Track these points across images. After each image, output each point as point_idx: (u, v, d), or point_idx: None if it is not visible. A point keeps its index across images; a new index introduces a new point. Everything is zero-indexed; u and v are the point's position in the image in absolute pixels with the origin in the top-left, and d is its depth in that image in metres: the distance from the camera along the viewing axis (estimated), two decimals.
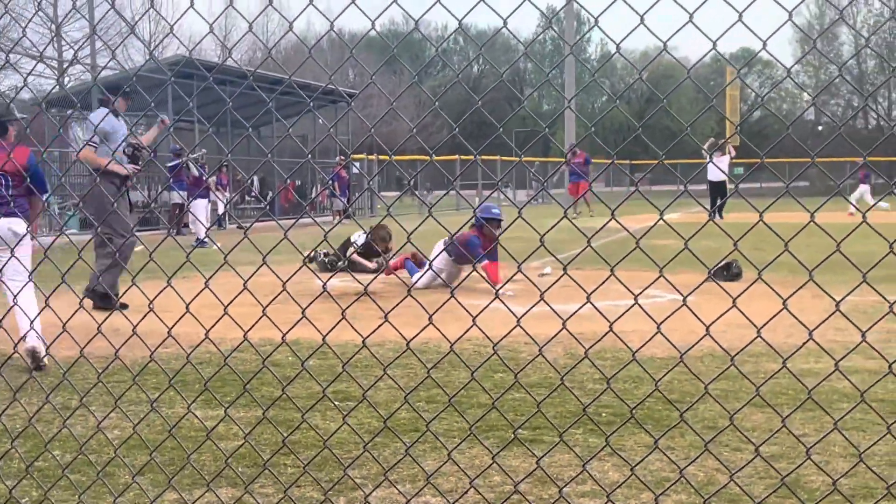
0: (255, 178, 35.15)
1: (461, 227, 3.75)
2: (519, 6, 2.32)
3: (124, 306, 9.33)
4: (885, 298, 2.24)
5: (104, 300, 9.51)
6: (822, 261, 2.00)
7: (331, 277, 2.80)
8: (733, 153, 28.97)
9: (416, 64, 75.95)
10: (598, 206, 29.97)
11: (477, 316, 2.47)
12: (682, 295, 2.30)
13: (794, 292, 2.33)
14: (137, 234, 22.22)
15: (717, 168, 26.78)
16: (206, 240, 21.36)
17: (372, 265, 11.69)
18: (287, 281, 2.63)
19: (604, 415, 5.39)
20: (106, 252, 9.79)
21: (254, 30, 2.85)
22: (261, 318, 2.51)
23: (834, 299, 2.14)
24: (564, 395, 5.81)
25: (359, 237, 12.37)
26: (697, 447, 4.65)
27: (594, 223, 2.81)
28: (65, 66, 34.86)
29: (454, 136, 2.60)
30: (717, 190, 28.29)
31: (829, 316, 2.34)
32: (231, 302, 2.68)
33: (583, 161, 31.83)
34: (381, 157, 37.08)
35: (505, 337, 2.86)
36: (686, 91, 74.12)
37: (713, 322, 2.45)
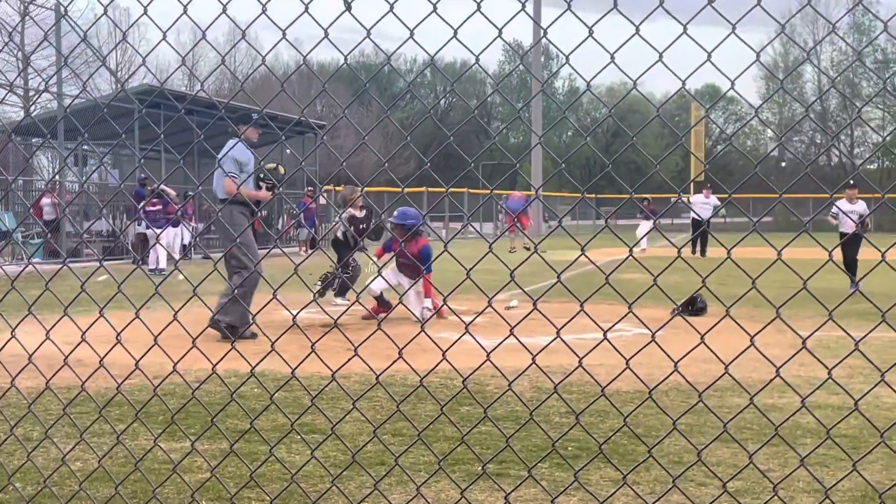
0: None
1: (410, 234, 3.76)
2: (489, 45, 2.34)
3: (254, 336, 9.37)
4: (850, 335, 2.27)
5: (232, 330, 9.31)
6: (789, 298, 2.02)
7: (301, 310, 2.79)
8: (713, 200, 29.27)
9: (385, 95, 76.22)
10: (563, 240, 30.06)
11: (447, 350, 2.48)
12: (650, 329, 2.32)
13: (762, 329, 2.35)
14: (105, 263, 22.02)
15: (703, 208, 27.18)
16: (164, 267, 21.42)
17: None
18: (256, 314, 2.62)
19: (570, 448, 5.39)
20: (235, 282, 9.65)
21: (227, 53, 2.86)
22: (229, 350, 2.50)
23: (801, 336, 2.17)
24: (531, 428, 5.81)
25: (345, 224, 13.31)
26: (663, 482, 4.67)
27: (566, 256, 2.82)
28: (31, 94, 34.64)
29: (423, 167, 2.62)
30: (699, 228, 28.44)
31: (796, 353, 2.36)
32: (199, 335, 2.67)
33: (522, 198, 32.69)
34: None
35: (475, 371, 2.86)
36: (651, 126, 74.80)
37: (681, 358, 2.47)
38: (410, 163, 66.04)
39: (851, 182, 17.48)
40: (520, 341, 2.54)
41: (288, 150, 36.97)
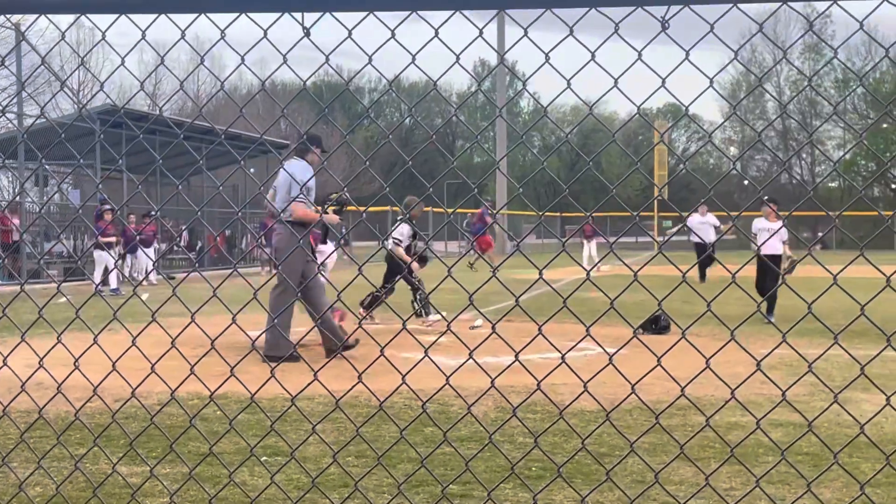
0: (185, 230, 34.82)
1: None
2: (446, 71, 2.36)
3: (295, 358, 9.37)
4: (803, 358, 2.29)
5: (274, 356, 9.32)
6: (744, 320, 2.04)
7: (261, 334, 2.78)
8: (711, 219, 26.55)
9: (349, 114, 76.25)
10: (532, 258, 30.15)
11: (407, 374, 2.48)
12: (607, 352, 2.33)
13: (717, 351, 2.37)
14: (64, 285, 21.81)
15: (702, 229, 24.87)
16: (117, 288, 21.37)
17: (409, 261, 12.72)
18: (216, 339, 2.61)
19: (533, 469, 5.40)
20: (283, 301, 9.78)
21: (186, 79, 2.85)
22: (188, 376, 2.49)
23: (755, 358, 2.18)
24: (495, 448, 5.82)
25: (400, 233, 13.09)
26: (626, 502, 4.68)
27: (533, 275, 2.83)
28: None
29: (387, 185, 2.62)
30: (702, 251, 24.85)
31: (751, 375, 2.38)
32: (159, 359, 2.65)
33: (480, 217, 31.84)
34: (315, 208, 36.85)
35: (437, 392, 2.86)
36: (616, 144, 75.08)
37: (639, 380, 2.48)
38: (375, 182, 65.98)
39: (766, 198, 15.52)
40: (478, 364, 2.54)
41: (251, 170, 36.86)
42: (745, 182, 70.23)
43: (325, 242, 11.64)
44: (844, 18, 2.23)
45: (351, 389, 2.55)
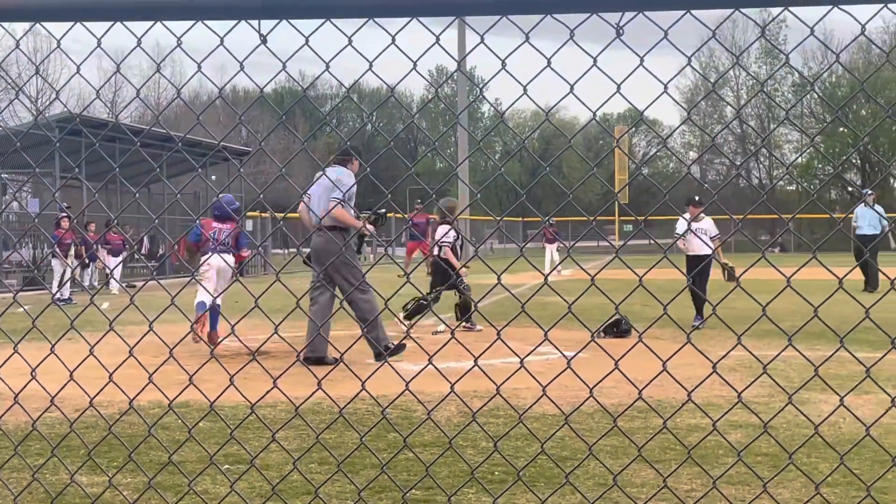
0: (145, 237, 34.57)
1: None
2: (404, 77, 2.36)
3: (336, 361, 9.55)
4: (758, 360, 2.32)
5: (385, 348, 9.61)
6: (701, 322, 2.06)
7: (224, 339, 2.78)
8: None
9: (311, 120, 75.99)
10: (496, 262, 30.19)
11: (366, 380, 2.48)
12: (565, 356, 2.34)
13: (675, 353, 2.39)
14: (21, 294, 21.52)
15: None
16: (69, 297, 21.24)
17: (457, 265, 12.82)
18: (174, 347, 2.60)
19: (496, 473, 5.41)
20: (320, 306, 10.03)
21: (146, 84, 2.84)
22: (147, 384, 2.48)
23: (710, 361, 2.21)
24: (459, 453, 5.84)
25: (445, 235, 13.20)
26: None
27: (491, 281, 2.83)
28: None
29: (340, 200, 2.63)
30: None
31: (706, 377, 2.41)
32: (117, 368, 2.64)
33: (425, 221, 30.76)
34: (277, 213, 36.77)
35: (397, 398, 2.87)
36: (576, 148, 75.48)
37: (597, 384, 2.50)
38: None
39: (697, 198, 14.92)
40: (437, 369, 2.55)
41: (213, 177, 36.68)
42: (705, 186, 70.75)
43: (359, 252, 11.63)
44: (800, 23, 2.27)
45: (310, 396, 2.55)
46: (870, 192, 22.44)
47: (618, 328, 11.91)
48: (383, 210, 11.32)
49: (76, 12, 2.26)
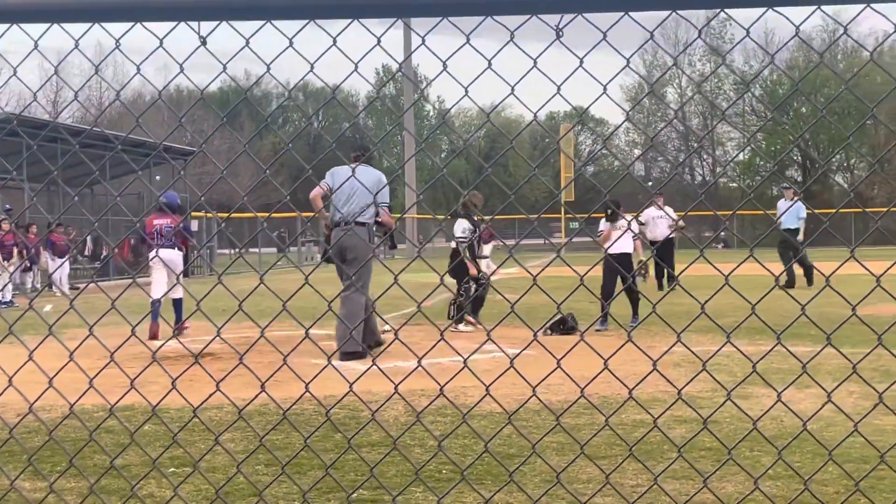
0: (89, 238, 34.16)
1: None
2: (346, 78, 2.37)
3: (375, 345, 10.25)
4: (697, 356, 2.36)
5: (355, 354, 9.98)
6: (640, 321, 2.08)
7: (165, 343, 2.76)
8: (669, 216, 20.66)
9: (257, 120, 75.45)
10: (443, 263, 30.22)
11: (310, 381, 2.48)
12: (507, 355, 2.36)
13: (617, 350, 2.42)
14: None
15: (659, 223, 20.14)
16: (12, 300, 21.00)
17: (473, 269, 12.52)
18: (116, 351, 2.58)
19: (444, 472, 5.43)
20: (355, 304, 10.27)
21: (88, 83, 2.82)
22: (87, 389, 2.46)
23: (650, 357, 2.24)
24: (406, 452, 5.85)
25: (462, 231, 12.94)
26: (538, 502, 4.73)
27: (432, 279, 2.83)
28: None
29: (296, 192, 2.62)
30: (662, 248, 19.84)
31: (648, 374, 2.44)
32: (57, 373, 2.61)
33: None
34: (221, 214, 36.61)
35: (342, 399, 2.87)
36: (523, 146, 75.92)
37: (539, 382, 2.52)
38: (286, 186, 65.47)
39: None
40: (380, 369, 2.56)
41: (157, 177, 36.31)
42: (650, 183, 71.44)
43: (394, 247, 11.76)
44: (744, 22, 2.30)
45: (254, 399, 2.55)
46: (787, 185, 22.85)
47: (564, 326, 11.99)
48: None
49: (14, 15, 2.23)
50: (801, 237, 19.32)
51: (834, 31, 59.84)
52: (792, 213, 19.46)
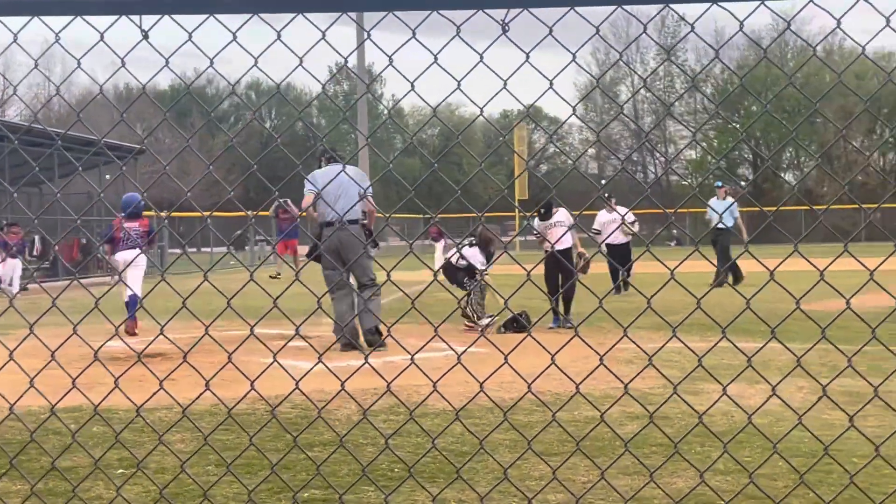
0: (36, 237, 33.70)
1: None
2: (292, 71, 2.35)
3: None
4: (645, 352, 2.36)
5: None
6: (584, 319, 2.09)
7: (107, 341, 2.73)
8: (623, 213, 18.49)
9: (213, 120, 74.84)
10: (395, 261, 30.14)
11: (255, 379, 2.45)
12: (455, 351, 2.35)
13: (563, 346, 2.42)
14: None
15: (611, 227, 19.02)
16: None
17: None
18: (56, 350, 2.54)
19: (396, 470, 5.41)
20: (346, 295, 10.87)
21: (38, 81, 2.77)
22: (28, 389, 2.41)
23: (598, 353, 2.24)
24: (359, 451, 5.83)
25: (472, 256, 12.71)
26: (487, 499, 4.73)
27: (398, 276, 2.82)
28: None
29: (248, 191, 2.60)
30: (617, 255, 18.67)
31: (594, 370, 2.44)
32: None
33: (289, 219, 28.41)
34: (172, 213, 36.33)
35: (288, 396, 2.85)
36: (476, 145, 76.03)
37: (486, 379, 2.51)
38: (238, 186, 64.96)
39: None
40: (327, 367, 2.54)
41: (107, 176, 35.90)
42: (603, 181, 71.85)
43: (376, 246, 11.98)
44: (693, 19, 2.31)
45: (199, 397, 2.52)
46: (720, 184, 22.94)
47: (517, 323, 12.02)
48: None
49: None
50: (745, 236, 19.41)
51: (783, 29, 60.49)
52: (725, 214, 19.62)
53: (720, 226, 19.30)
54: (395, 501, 4.71)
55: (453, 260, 13.21)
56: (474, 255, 13.32)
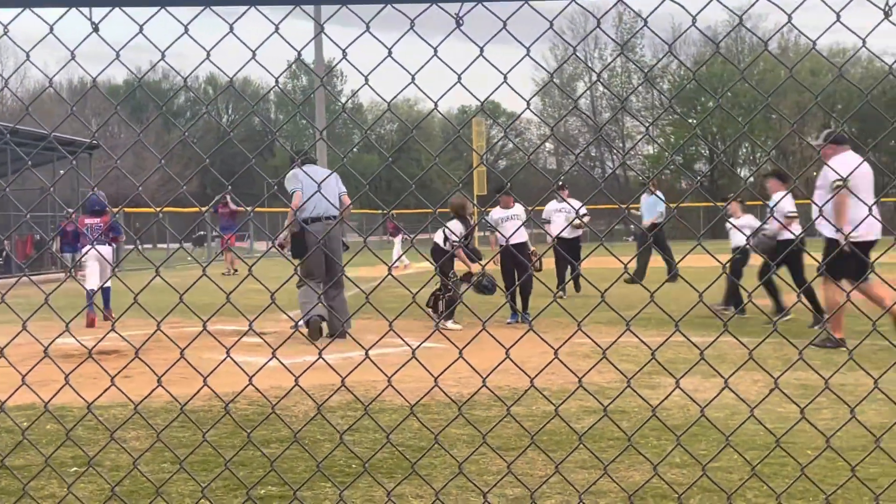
0: None
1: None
2: (245, 64, 2.33)
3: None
4: (597, 344, 2.37)
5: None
6: (538, 313, 2.09)
7: (57, 337, 2.70)
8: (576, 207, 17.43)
9: (166, 113, 74.33)
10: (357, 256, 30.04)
11: (208, 375, 2.43)
12: (409, 346, 2.35)
13: (517, 341, 2.42)
14: None
15: (558, 218, 17.90)
16: None
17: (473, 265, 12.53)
18: (5, 347, 2.50)
19: (353, 466, 5.39)
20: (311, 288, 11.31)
21: None
22: None
23: (552, 347, 2.24)
24: (316, 447, 5.81)
25: (450, 232, 12.70)
26: (444, 493, 4.73)
27: (357, 272, 2.81)
28: None
29: (205, 187, 2.57)
30: (568, 248, 17.44)
31: (548, 364, 2.45)
32: None
33: (228, 213, 28.68)
34: (127, 209, 36.04)
35: (242, 391, 2.83)
36: (435, 141, 76.06)
37: (441, 374, 2.51)
38: (194, 181, 64.62)
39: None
40: (281, 363, 2.52)
41: (61, 171, 35.47)
42: (561, 176, 72.01)
43: (346, 248, 12.43)
44: (652, 16, 2.31)
45: (150, 394, 2.49)
46: (645, 183, 22.87)
47: (478, 286, 12.00)
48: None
49: None
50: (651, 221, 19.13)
51: (738, 26, 61.01)
52: (651, 208, 19.39)
53: (656, 221, 19.08)
54: (351, 497, 4.69)
55: (440, 241, 13.04)
56: (455, 227, 13.28)
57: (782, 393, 2.79)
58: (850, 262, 8.95)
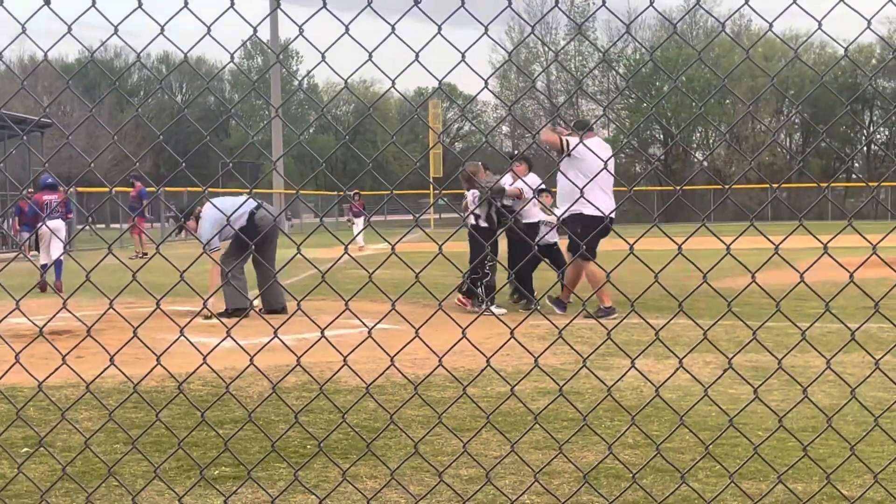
0: None
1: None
2: (199, 41, 2.30)
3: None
4: (555, 326, 2.37)
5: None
6: (495, 292, 2.08)
7: (6, 316, 2.66)
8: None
9: (118, 92, 73.45)
10: (316, 237, 29.89)
11: (161, 355, 2.41)
12: (366, 325, 2.34)
13: (471, 322, 2.42)
14: None
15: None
16: None
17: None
18: None
19: (308, 447, 5.38)
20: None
21: None
22: None
23: (508, 327, 2.25)
24: (270, 428, 5.79)
25: (474, 201, 12.32)
26: (399, 474, 4.73)
27: (314, 254, 2.78)
28: None
29: (159, 167, 2.55)
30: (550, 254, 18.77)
31: (503, 345, 2.45)
32: None
33: (136, 195, 27.10)
34: (80, 189, 35.68)
35: (194, 372, 2.81)
36: (392, 123, 75.86)
37: (396, 353, 2.51)
38: (147, 161, 64.00)
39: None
40: (237, 342, 2.51)
41: (13, 151, 34.98)
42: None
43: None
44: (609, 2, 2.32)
45: (102, 373, 2.47)
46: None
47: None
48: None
49: None
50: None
51: (694, 10, 61.39)
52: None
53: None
54: (305, 477, 4.68)
55: (472, 220, 11.79)
56: (475, 197, 12.82)
57: (736, 373, 2.82)
58: (593, 238, 9.31)
